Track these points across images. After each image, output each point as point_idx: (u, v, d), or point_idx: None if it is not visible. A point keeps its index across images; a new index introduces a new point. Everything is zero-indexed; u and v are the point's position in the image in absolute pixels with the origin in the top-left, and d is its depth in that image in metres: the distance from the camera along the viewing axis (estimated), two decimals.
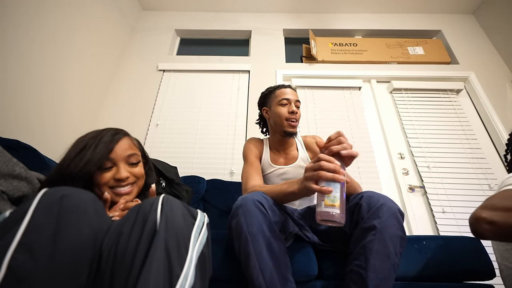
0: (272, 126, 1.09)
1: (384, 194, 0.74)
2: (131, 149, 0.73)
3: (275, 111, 1.05)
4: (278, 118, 1.04)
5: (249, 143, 1.11)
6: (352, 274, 0.65)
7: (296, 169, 1.05)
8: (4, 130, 1.21)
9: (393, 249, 0.64)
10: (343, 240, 0.78)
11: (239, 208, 0.68)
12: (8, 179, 0.65)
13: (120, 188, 0.68)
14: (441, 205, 1.64)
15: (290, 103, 1.04)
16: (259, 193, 0.74)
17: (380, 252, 0.63)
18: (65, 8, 1.64)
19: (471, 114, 2.00)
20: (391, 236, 0.65)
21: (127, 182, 0.69)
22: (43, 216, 0.39)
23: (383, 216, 0.67)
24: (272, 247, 0.64)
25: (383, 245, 0.64)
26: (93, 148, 0.66)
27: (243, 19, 2.47)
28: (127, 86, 2.13)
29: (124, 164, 0.70)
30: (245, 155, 1.08)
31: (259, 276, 0.61)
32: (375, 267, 0.62)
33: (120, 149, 0.70)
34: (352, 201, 0.77)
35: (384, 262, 0.63)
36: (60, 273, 0.37)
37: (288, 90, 1.07)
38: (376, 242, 0.64)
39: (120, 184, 0.68)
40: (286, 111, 1.03)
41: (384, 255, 0.63)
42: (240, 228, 0.65)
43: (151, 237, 0.41)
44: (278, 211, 0.74)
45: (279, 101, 1.04)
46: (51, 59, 1.54)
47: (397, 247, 0.65)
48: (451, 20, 2.40)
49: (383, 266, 0.62)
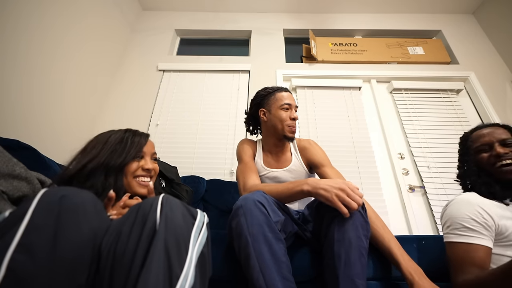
0: (269, 129, 1.07)
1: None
2: (153, 147, 0.84)
3: (276, 114, 1.03)
4: (279, 122, 1.02)
5: (243, 144, 1.11)
6: (326, 268, 0.69)
7: (288, 173, 1.04)
8: (4, 130, 1.21)
9: (354, 233, 0.68)
10: None
11: (240, 208, 0.68)
12: (8, 179, 0.65)
13: (145, 179, 0.76)
14: (441, 205, 1.64)
15: (291, 109, 1.03)
16: (260, 192, 0.74)
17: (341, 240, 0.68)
18: (65, 7, 1.64)
19: (471, 114, 2.00)
20: (350, 224, 0.68)
21: (151, 174, 0.78)
22: (42, 216, 0.39)
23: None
24: (272, 248, 0.64)
25: (343, 233, 0.68)
26: (130, 141, 0.75)
27: (243, 19, 2.47)
28: (127, 86, 2.13)
29: (150, 158, 0.80)
30: (240, 155, 1.07)
31: (259, 277, 0.61)
32: (340, 255, 0.66)
33: (149, 145, 0.81)
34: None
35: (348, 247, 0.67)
36: (60, 273, 0.37)
37: (289, 95, 1.06)
38: (336, 232, 0.69)
39: (145, 174, 0.76)
40: (287, 116, 1.02)
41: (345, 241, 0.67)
42: (241, 229, 0.65)
43: (151, 237, 0.41)
44: (279, 211, 0.74)
45: (281, 105, 1.03)
46: (50, 59, 1.54)
47: (358, 231, 0.67)
48: (451, 20, 2.40)
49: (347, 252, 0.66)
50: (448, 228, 0.74)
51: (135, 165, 0.75)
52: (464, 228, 0.70)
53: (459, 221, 0.71)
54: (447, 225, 0.75)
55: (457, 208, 0.74)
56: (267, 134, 1.09)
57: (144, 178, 0.76)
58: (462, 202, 0.75)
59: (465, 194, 0.78)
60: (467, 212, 0.71)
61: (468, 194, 0.78)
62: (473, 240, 0.68)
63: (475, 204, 0.72)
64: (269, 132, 1.08)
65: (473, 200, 0.74)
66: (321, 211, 0.77)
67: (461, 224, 0.71)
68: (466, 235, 0.69)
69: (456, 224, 0.72)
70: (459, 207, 0.74)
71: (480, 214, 0.70)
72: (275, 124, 1.03)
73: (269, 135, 1.08)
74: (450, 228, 0.73)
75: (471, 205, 0.72)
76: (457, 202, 0.76)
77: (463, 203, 0.74)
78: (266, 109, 1.08)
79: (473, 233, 0.68)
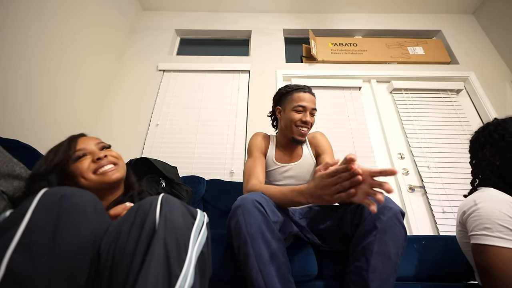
0: (282, 128, 1.07)
1: (385, 195, 0.74)
2: (95, 140, 0.77)
3: (288, 115, 1.02)
4: (289, 123, 1.01)
5: (256, 138, 1.08)
6: (353, 275, 0.65)
7: (300, 167, 1.04)
8: (4, 130, 1.21)
9: (394, 250, 0.64)
10: (343, 241, 0.78)
11: (238, 208, 0.68)
12: (8, 179, 0.65)
13: (105, 167, 0.71)
14: (441, 205, 1.64)
15: (306, 111, 1.00)
16: (259, 193, 0.74)
17: (381, 253, 0.63)
18: (65, 8, 1.64)
19: (471, 114, 2.00)
20: (392, 237, 0.65)
21: (108, 160, 0.72)
22: (42, 216, 0.39)
23: (384, 217, 0.67)
24: (271, 247, 0.64)
25: (384, 246, 0.64)
26: (55, 150, 0.71)
27: (243, 19, 2.47)
28: (127, 86, 2.13)
29: (97, 149, 0.74)
30: (250, 149, 1.05)
31: (258, 276, 0.61)
32: (376, 268, 0.62)
33: (85, 140, 0.75)
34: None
35: (386, 263, 0.63)
36: (59, 273, 0.37)
37: (306, 96, 1.01)
38: (376, 243, 0.64)
39: (100, 163, 0.71)
40: (299, 118, 0.99)
41: (385, 256, 0.63)
42: (239, 229, 0.65)
43: (150, 237, 0.41)
44: (278, 211, 0.74)
45: (294, 107, 1.00)
46: (50, 59, 1.54)
47: (398, 247, 0.65)
48: (451, 20, 2.40)
49: (384, 267, 0.62)
50: (487, 230, 0.65)
51: (85, 163, 0.70)
52: (510, 231, 0.63)
53: (503, 223, 0.63)
54: (484, 225, 0.66)
55: (496, 207, 0.66)
56: (281, 132, 1.09)
57: (105, 166, 0.71)
58: (498, 201, 0.67)
59: (493, 192, 0.70)
60: (508, 213, 0.64)
61: (497, 192, 0.70)
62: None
63: (511, 203, 0.65)
64: (282, 131, 1.08)
65: (508, 199, 0.67)
66: (356, 214, 0.74)
67: (506, 227, 0.63)
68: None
69: (499, 226, 0.63)
70: (498, 207, 0.66)
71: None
72: (286, 125, 1.03)
73: (282, 133, 1.08)
74: (492, 230, 0.64)
75: (509, 205, 0.65)
76: (493, 200, 0.68)
77: (500, 202, 0.67)
78: (281, 108, 1.07)
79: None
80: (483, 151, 0.81)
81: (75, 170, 0.69)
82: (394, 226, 0.66)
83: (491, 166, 0.78)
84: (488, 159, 0.79)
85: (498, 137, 0.78)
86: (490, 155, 0.79)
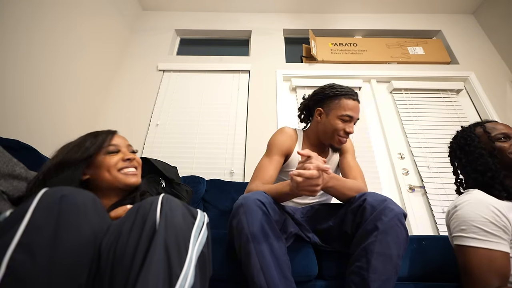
0: (318, 131, 1.00)
1: (387, 196, 0.74)
2: (127, 141, 0.83)
3: (331, 122, 0.94)
4: (330, 130, 0.94)
5: (281, 136, 0.99)
6: (354, 275, 0.65)
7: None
8: (4, 130, 1.21)
9: (395, 251, 0.64)
10: (344, 241, 0.78)
11: (240, 207, 0.68)
12: (8, 179, 0.65)
13: (130, 169, 0.75)
14: (441, 205, 1.64)
15: (351, 122, 0.94)
16: (261, 192, 0.74)
17: (382, 254, 0.63)
18: (64, 7, 1.64)
19: (471, 114, 2.00)
20: (393, 238, 0.65)
21: (133, 164, 0.77)
22: (42, 216, 0.39)
23: (386, 218, 0.67)
24: (273, 246, 0.64)
25: (385, 247, 0.64)
26: (90, 139, 0.74)
27: (243, 19, 2.47)
28: (127, 86, 2.12)
29: (127, 150, 0.79)
30: (270, 147, 0.97)
31: (259, 275, 0.61)
32: (376, 269, 0.62)
33: (119, 138, 0.80)
34: (355, 202, 0.77)
35: (387, 263, 0.63)
36: (60, 273, 0.37)
37: (355, 105, 0.94)
38: (378, 243, 0.64)
39: (128, 165, 0.75)
40: (343, 128, 0.93)
41: (386, 257, 0.63)
42: (241, 227, 0.65)
43: (151, 237, 0.41)
44: (279, 211, 0.74)
45: (341, 115, 0.93)
46: (50, 59, 1.54)
47: (400, 249, 0.65)
48: (451, 20, 2.40)
49: (385, 267, 0.62)
50: (463, 231, 0.68)
51: (115, 159, 0.73)
52: (483, 232, 0.65)
53: (476, 224, 0.66)
54: (460, 227, 0.69)
55: (472, 209, 0.68)
56: (315, 133, 1.02)
57: (129, 168, 0.76)
58: (476, 202, 0.69)
59: (476, 194, 0.72)
60: (484, 214, 0.66)
61: (480, 193, 0.72)
62: (494, 246, 0.63)
63: (490, 205, 0.67)
64: (316, 133, 1.01)
65: (487, 200, 0.68)
66: (357, 215, 0.74)
67: (479, 228, 0.65)
68: (487, 240, 0.64)
69: (473, 227, 0.66)
70: (474, 208, 0.68)
71: (498, 217, 0.65)
72: (327, 131, 0.96)
73: (316, 135, 1.01)
74: (466, 231, 0.67)
75: (487, 206, 0.67)
76: (471, 202, 0.70)
77: (477, 204, 0.69)
78: (324, 111, 0.99)
79: (494, 238, 0.64)
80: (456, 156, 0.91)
81: (103, 162, 0.72)
82: (396, 228, 0.66)
83: (462, 166, 0.87)
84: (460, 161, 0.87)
85: (464, 142, 0.87)
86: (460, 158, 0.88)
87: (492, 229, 0.64)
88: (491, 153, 0.77)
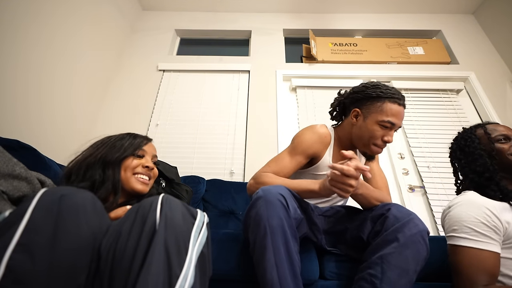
0: (352, 135, 0.90)
1: (413, 212, 0.72)
2: (155, 151, 0.88)
3: (369, 127, 0.84)
4: (367, 137, 0.84)
5: (311, 136, 0.88)
6: (363, 281, 0.64)
7: None
8: (4, 130, 1.21)
9: (413, 267, 0.62)
10: (355, 246, 0.77)
11: (261, 198, 0.66)
12: (8, 179, 0.65)
13: (144, 176, 0.79)
14: (441, 205, 1.64)
15: (392, 129, 0.84)
16: (282, 186, 0.71)
17: (399, 267, 0.62)
18: (65, 8, 1.64)
19: (471, 114, 2.00)
20: (413, 253, 0.63)
21: (149, 173, 0.80)
22: (42, 216, 0.38)
23: (409, 232, 0.65)
24: (288, 243, 0.63)
25: (403, 260, 0.62)
26: (129, 140, 0.80)
27: (243, 19, 2.47)
28: (127, 86, 2.12)
29: (150, 159, 0.83)
30: (296, 146, 0.87)
31: (273, 270, 0.60)
32: (391, 281, 0.60)
33: (151, 146, 0.86)
34: (378, 211, 0.75)
35: (402, 277, 0.61)
36: (59, 273, 0.37)
37: (400, 111, 0.83)
38: (396, 255, 0.63)
39: (145, 172, 0.79)
40: (381, 135, 0.83)
41: (403, 270, 0.62)
42: (259, 219, 0.63)
43: (150, 237, 0.41)
44: (298, 209, 0.72)
45: (382, 120, 0.82)
46: (50, 59, 1.54)
47: (418, 265, 0.63)
48: (451, 20, 2.40)
49: (399, 281, 0.61)
50: (455, 231, 0.70)
51: (136, 162, 0.78)
52: (474, 232, 0.66)
53: (468, 224, 0.67)
54: (453, 227, 0.70)
55: (464, 210, 0.70)
56: (347, 136, 0.92)
57: (144, 175, 0.79)
58: (468, 203, 0.71)
59: (470, 195, 0.74)
60: (476, 215, 0.67)
61: (473, 195, 0.73)
62: (484, 246, 0.64)
63: (482, 206, 0.68)
64: (349, 135, 0.91)
65: (480, 201, 0.70)
66: (377, 223, 0.73)
67: (470, 228, 0.66)
68: (477, 240, 0.65)
69: (465, 227, 0.67)
70: (466, 209, 0.69)
71: (489, 217, 0.66)
72: (362, 136, 0.86)
73: (347, 136, 0.92)
74: (458, 231, 0.69)
75: (479, 207, 0.68)
76: (463, 203, 0.71)
77: (470, 205, 0.70)
78: (362, 113, 0.87)
79: (484, 238, 0.65)
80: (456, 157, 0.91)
81: (126, 162, 0.76)
82: (417, 244, 0.64)
83: (461, 167, 0.87)
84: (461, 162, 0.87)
85: (464, 143, 0.87)
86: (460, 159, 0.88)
87: (483, 230, 0.65)
88: (490, 154, 0.78)
